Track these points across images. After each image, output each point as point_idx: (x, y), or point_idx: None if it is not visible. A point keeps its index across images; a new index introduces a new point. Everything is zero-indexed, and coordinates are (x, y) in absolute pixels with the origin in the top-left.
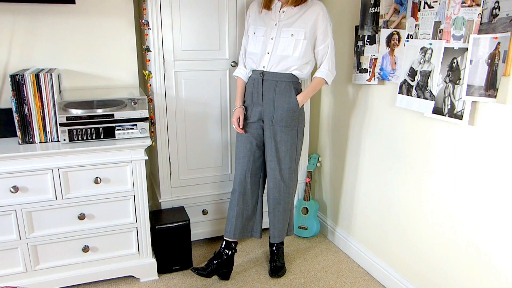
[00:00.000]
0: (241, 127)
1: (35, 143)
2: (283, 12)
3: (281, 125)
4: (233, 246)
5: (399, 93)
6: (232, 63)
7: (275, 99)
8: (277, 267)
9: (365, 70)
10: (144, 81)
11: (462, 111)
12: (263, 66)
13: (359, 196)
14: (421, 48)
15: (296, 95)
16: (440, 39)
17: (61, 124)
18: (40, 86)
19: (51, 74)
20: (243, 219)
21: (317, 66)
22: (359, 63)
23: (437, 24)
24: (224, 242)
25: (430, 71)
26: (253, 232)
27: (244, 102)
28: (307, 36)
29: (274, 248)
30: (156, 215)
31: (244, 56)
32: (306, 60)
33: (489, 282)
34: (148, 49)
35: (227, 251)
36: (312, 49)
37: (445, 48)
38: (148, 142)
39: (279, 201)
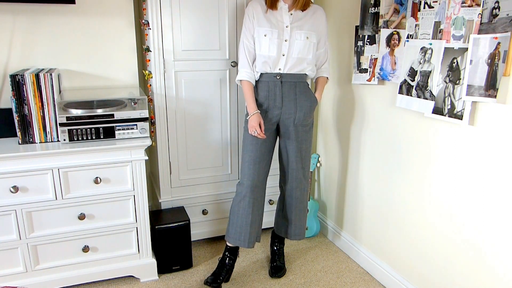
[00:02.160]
0: (263, 132)
1: (35, 143)
2: (291, 14)
3: (303, 124)
4: (238, 252)
5: (399, 93)
6: (232, 63)
7: (297, 100)
8: (277, 267)
9: (365, 70)
10: (144, 81)
11: (462, 111)
12: (279, 69)
13: (359, 196)
14: (421, 48)
15: None
16: (440, 39)
17: (61, 124)
18: (40, 86)
19: (51, 74)
20: (256, 226)
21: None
22: (359, 63)
23: (437, 24)
24: (229, 249)
25: (430, 71)
26: (257, 237)
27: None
28: (316, 39)
29: (275, 248)
30: (156, 215)
31: (250, 58)
32: (315, 61)
33: (489, 283)
34: (148, 49)
35: (233, 257)
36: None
37: (445, 48)
38: (148, 142)
39: (301, 199)
